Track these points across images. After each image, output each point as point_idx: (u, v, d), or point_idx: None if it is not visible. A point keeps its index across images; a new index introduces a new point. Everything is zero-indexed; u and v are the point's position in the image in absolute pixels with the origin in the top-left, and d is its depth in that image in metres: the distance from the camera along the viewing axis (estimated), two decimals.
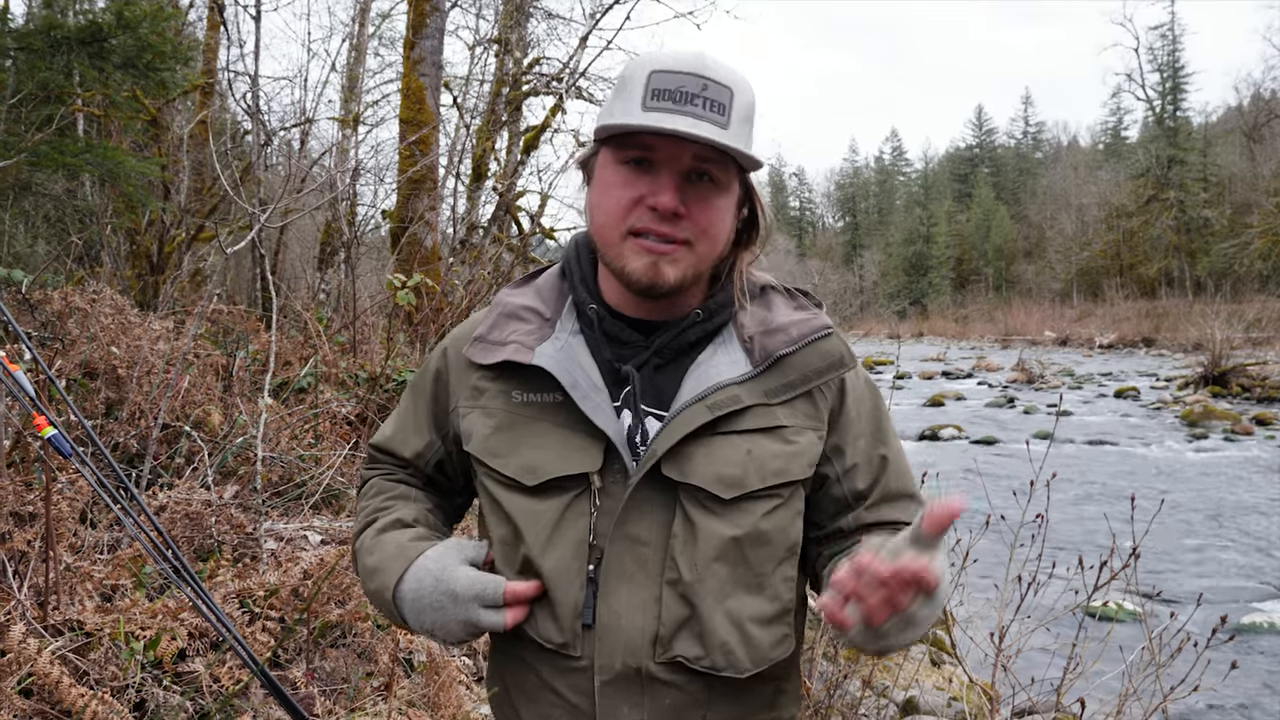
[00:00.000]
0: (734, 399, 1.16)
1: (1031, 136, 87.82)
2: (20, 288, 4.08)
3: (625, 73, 1.16)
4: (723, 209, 1.17)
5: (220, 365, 4.87)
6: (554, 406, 1.19)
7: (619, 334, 1.22)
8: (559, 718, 1.18)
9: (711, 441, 1.15)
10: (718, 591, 1.13)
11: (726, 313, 1.24)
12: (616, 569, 1.14)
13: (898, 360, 5.93)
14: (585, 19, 11.30)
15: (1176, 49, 61.94)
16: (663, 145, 1.12)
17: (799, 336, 1.21)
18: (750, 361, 1.19)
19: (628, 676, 1.14)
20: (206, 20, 11.59)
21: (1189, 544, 8.12)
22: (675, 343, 1.21)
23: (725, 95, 1.11)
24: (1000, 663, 3.29)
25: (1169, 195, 56.33)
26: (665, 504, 1.15)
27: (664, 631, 1.13)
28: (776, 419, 1.18)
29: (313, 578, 2.89)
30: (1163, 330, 39.08)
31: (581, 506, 1.15)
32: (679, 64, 1.11)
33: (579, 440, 1.16)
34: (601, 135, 1.16)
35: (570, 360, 1.19)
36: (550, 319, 1.25)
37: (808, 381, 1.21)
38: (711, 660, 1.13)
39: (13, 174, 5.90)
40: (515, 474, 1.18)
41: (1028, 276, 68.27)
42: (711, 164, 1.14)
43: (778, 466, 1.16)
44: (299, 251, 12.61)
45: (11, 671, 1.95)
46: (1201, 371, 19.94)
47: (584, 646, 1.14)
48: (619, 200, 1.14)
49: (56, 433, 1.74)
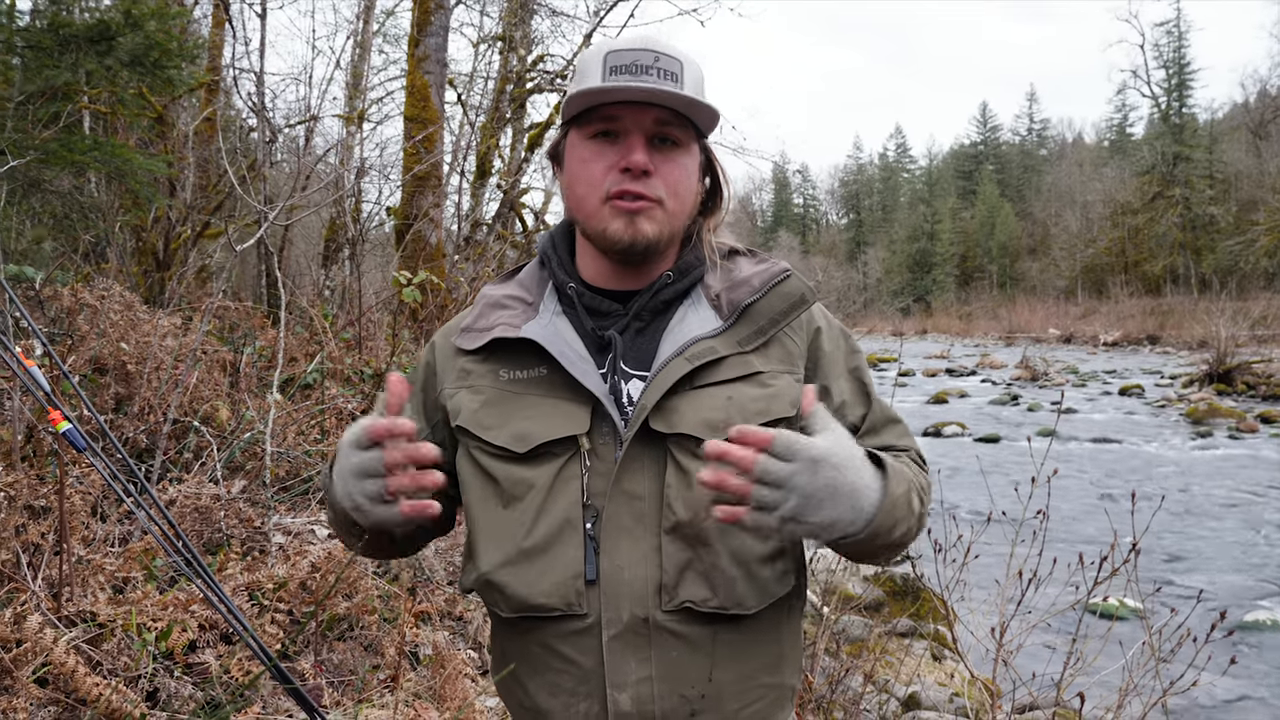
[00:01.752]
0: (710, 350, 1.23)
1: (1036, 133, 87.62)
2: (34, 284, 4.11)
3: (581, 61, 1.27)
4: (688, 168, 1.27)
5: (227, 361, 4.91)
6: (540, 380, 1.25)
7: (598, 306, 1.30)
8: (566, 684, 1.20)
9: (693, 394, 1.21)
10: (719, 531, 1.17)
11: (696, 273, 1.31)
12: (614, 525, 1.18)
13: (901, 357, 5.95)
14: (589, 16, 11.32)
15: (1182, 45, 61.79)
16: (625, 113, 1.22)
17: (760, 285, 1.29)
18: (720, 316, 1.27)
19: (635, 628, 1.16)
20: (212, 17, 11.62)
21: (1191, 541, 8.13)
22: (651, 304, 1.29)
23: (676, 66, 1.22)
24: (1001, 658, 3.30)
25: (1174, 192, 56.15)
26: (655, 458, 1.20)
27: (668, 579, 1.16)
28: (752, 366, 1.25)
29: (320, 571, 2.92)
30: (1167, 328, 38.97)
31: (572, 470, 1.20)
32: (631, 44, 1.23)
33: (566, 407, 1.22)
34: (569, 113, 1.25)
35: (555, 335, 1.26)
36: (533, 303, 1.32)
37: (775, 324, 1.28)
38: (719, 600, 1.17)
39: (21, 171, 5.93)
40: (505, 443, 1.22)
41: (1032, 274, 68.11)
42: (671, 126, 1.23)
43: (759, 408, 1.22)
44: (304, 248, 12.65)
45: (28, 661, 1.98)
46: (1206, 369, 19.87)
47: (589, 603, 1.17)
48: (595, 169, 1.24)
49: (71, 427, 1.77)
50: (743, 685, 1.22)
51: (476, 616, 3.74)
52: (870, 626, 4.94)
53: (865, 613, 5.26)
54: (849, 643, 4.53)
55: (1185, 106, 61.04)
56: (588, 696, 1.19)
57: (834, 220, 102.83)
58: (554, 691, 1.21)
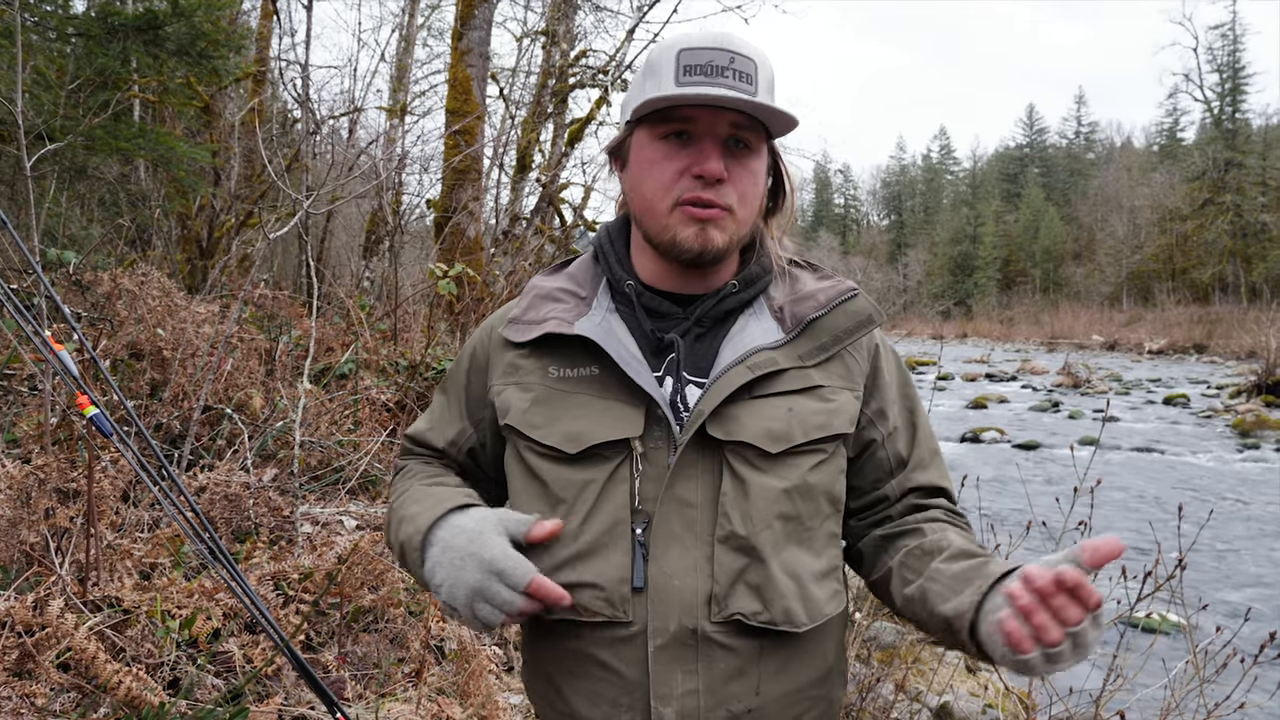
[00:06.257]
0: (771, 361, 1.20)
1: (1084, 136, 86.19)
2: (69, 269, 4.16)
3: (651, 57, 1.22)
4: (758, 174, 1.23)
5: (264, 350, 4.94)
6: (591, 379, 1.21)
7: (658, 307, 1.26)
8: (608, 694, 1.16)
9: (753, 403, 1.18)
10: (773, 544, 1.15)
11: (761, 283, 1.28)
12: (665, 532, 1.14)
13: (940, 361, 5.84)
14: (632, 12, 11.25)
15: (1237, 49, 60.48)
16: (701, 116, 1.17)
17: (827, 300, 1.26)
18: (782, 329, 1.23)
19: (682, 639, 1.13)
20: (260, 9, 11.76)
21: (1237, 556, 7.92)
22: (714, 311, 1.25)
23: (750, 66, 1.18)
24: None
25: (1225, 199, 55.02)
26: (710, 466, 1.17)
27: (718, 590, 1.13)
28: (812, 380, 1.22)
29: (347, 562, 2.91)
30: (1215, 337, 38.18)
31: (623, 473, 1.16)
32: (705, 41, 1.18)
33: (619, 409, 1.18)
34: (641, 113, 1.19)
35: (609, 334, 1.22)
36: (586, 298, 1.28)
37: (839, 342, 1.25)
38: (770, 614, 1.13)
39: (69, 157, 6.02)
40: (557, 443, 1.19)
41: (1076, 279, 67.09)
42: (746, 130, 1.19)
43: (820, 421, 1.20)
44: (345, 240, 12.76)
45: (50, 645, 1.98)
46: (1255, 380, 19.41)
47: (635, 611, 1.14)
48: (665, 172, 1.19)
49: (98, 412, 1.76)
50: (791, 700, 1.19)
51: None
52: (902, 634, 4.86)
53: (898, 619, 5.18)
54: (880, 649, 4.45)
55: (1239, 111, 59.75)
56: (630, 708, 1.15)
57: (875, 221, 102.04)
58: (595, 700, 1.18)
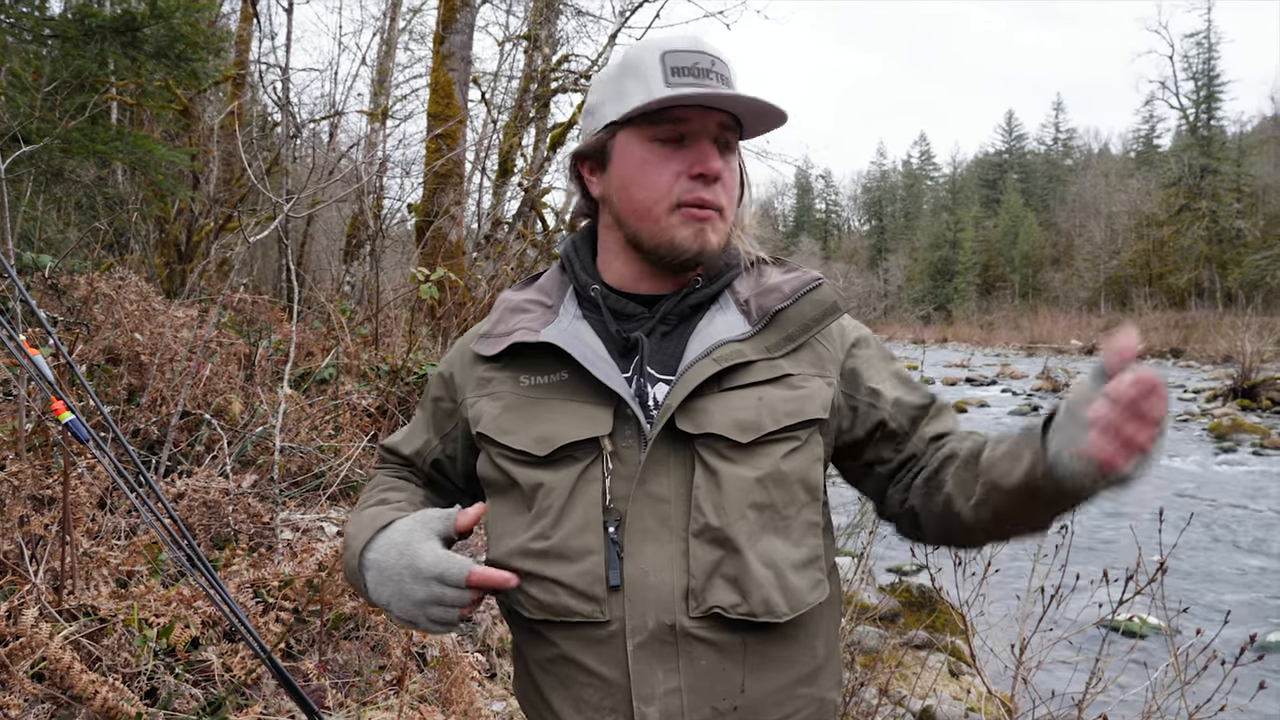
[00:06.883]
0: (738, 353, 1.20)
1: (1062, 143, 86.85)
2: (45, 273, 4.10)
3: (629, 58, 1.22)
4: (738, 173, 1.26)
5: (243, 354, 4.89)
6: (561, 384, 1.22)
7: (624, 309, 1.27)
8: (591, 697, 1.15)
9: (722, 396, 1.18)
10: (748, 534, 1.13)
11: (726, 277, 1.29)
12: (639, 528, 1.14)
13: (921, 366, 5.86)
14: (614, 17, 11.28)
15: (1212, 57, 61.11)
16: (695, 116, 1.18)
17: (791, 291, 1.26)
18: (749, 321, 1.24)
19: (661, 636, 1.12)
20: (240, 12, 11.68)
21: (1216, 559, 7.99)
22: (678, 309, 1.26)
23: (728, 70, 1.21)
24: (1020, 675, 3.23)
25: (1201, 205, 55.54)
26: (682, 461, 1.16)
27: (695, 584, 1.12)
28: (781, 369, 1.22)
29: (327, 569, 2.88)
30: (1191, 341, 38.56)
31: (594, 472, 1.16)
32: (687, 44, 1.20)
33: (587, 409, 1.19)
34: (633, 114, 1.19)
35: (575, 337, 1.22)
36: (553, 306, 1.29)
37: (806, 331, 1.25)
38: (749, 605, 1.12)
39: (45, 160, 5.95)
40: (526, 446, 1.19)
41: (1055, 284, 67.54)
42: (730, 131, 1.22)
43: (790, 408, 1.19)
44: (325, 244, 12.70)
45: (24, 655, 1.94)
46: (1231, 384, 19.64)
47: (612, 610, 1.13)
48: (662, 174, 1.19)
49: (74, 418, 1.73)
50: (777, 698, 1.17)
51: (485, 619, 3.69)
52: (885, 638, 4.87)
53: (880, 623, 5.18)
54: (863, 654, 4.45)
55: (1214, 119, 60.38)
56: (614, 710, 1.14)
57: (856, 226, 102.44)
58: (579, 707, 1.17)
